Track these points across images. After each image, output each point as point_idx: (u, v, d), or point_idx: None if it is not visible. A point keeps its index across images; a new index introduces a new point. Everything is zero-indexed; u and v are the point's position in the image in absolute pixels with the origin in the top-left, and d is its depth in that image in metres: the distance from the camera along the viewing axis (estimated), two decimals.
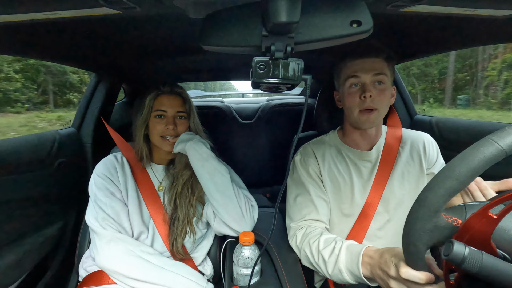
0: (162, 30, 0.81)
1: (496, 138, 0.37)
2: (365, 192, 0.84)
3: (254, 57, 0.47)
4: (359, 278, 0.63)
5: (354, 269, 0.64)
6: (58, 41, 0.84)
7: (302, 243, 0.79)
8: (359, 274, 0.63)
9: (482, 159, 0.36)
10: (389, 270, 0.54)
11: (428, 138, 0.91)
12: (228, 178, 0.87)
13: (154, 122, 0.89)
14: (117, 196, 0.85)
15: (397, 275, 0.51)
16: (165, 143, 0.89)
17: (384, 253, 0.58)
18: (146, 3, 0.51)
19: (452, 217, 0.41)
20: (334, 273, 0.68)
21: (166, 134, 0.89)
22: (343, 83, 0.83)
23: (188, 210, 0.90)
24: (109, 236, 0.79)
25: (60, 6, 0.50)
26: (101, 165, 0.89)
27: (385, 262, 0.56)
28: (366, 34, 0.47)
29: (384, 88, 0.80)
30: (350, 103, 0.81)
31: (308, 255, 0.76)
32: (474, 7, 0.54)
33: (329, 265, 0.69)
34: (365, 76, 0.79)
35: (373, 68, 0.79)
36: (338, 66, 0.86)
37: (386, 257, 0.56)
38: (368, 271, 0.61)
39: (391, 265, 0.54)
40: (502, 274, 0.35)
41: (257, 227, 0.90)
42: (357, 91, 0.80)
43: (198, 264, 0.93)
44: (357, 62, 0.80)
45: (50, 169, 1.08)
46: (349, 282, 0.67)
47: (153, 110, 0.89)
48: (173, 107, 0.89)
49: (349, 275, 0.66)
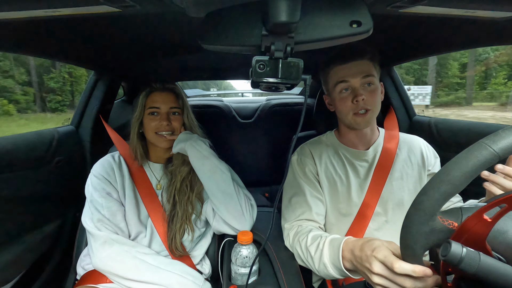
0: (162, 28, 0.80)
1: (489, 142, 0.37)
2: (362, 191, 0.85)
3: (253, 57, 0.48)
4: (343, 272, 0.62)
5: (336, 263, 0.63)
6: (57, 39, 0.83)
7: (294, 241, 0.79)
8: (341, 268, 0.62)
9: (476, 163, 0.37)
10: (371, 266, 0.52)
11: (423, 142, 0.92)
12: (229, 176, 0.88)
13: (148, 119, 0.89)
14: (114, 196, 0.85)
15: (380, 271, 0.50)
16: (161, 139, 0.89)
17: (364, 247, 0.56)
18: (146, 2, 0.51)
19: (448, 220, 0.42)
20: (320, 268, 0.68)
21: (160, 130, 0.89)
22: (333, 89, 0.83)
23: (187, 207, 0.90)
24: (104, 238, 0.79)
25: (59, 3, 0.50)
26: (98, 165, 0.89)
27: (366, 258, 0.54)
28: (366, 35, 0.47)
29: (374, 88, 0.81)
30: (343, 107, 0.82)
31: (299, 252, 0.76)
32: (474, 8, 0.54)
33: (315, 260, 0.69)
34: (354, 80, 0.79)
35: (360, 71, 0.79)
36: (325, 72, 0.86)
37: (367, 252, 0.55)
38: (350, 265, 0.61)
39: (373, 261, 0.52)
40: (499, 275, 0.35)
41: (256, 226, 0.91)
42: (348, 95, 0.80)
43: (196, 263, 0.93)
44: (343, 67, 0.80)
45: (48, 167, 1.08)
46: (336, 277, 0.66)
47: (147, 108, 0.89)
48: (166, 103, 0.90)
49: (334, 269, 0.65)
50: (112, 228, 0.81)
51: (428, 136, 1.16)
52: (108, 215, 0.81)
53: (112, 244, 0.79)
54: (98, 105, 1.29)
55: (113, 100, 1.44)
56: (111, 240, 0.79)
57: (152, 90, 0.90)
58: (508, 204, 0.36)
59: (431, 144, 0.94)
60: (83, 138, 1.28)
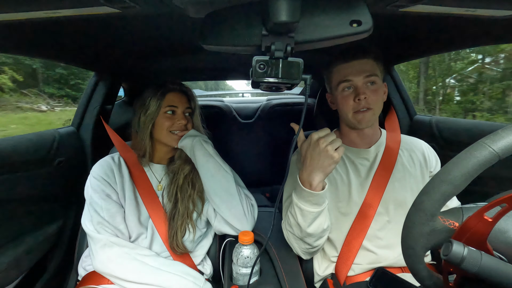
0: (162, 29, 0.81)
1: (489, 142, 0.37)
2: (363, 191, 0.84)
3: (254, 57, 0.48)
4: (311, 194, 0.69)
5: (299, 191, 0.71)
6: (58, 40, 0.83)
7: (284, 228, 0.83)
8: (305, 190, 0.69)
9: (476, 163, 0.37)
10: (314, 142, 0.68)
11: (425, 144, 0.92)
12: (231, 176, 0.88)
13: (164, 118, 0.89)
14: (113, 198, 0.85)
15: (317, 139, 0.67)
16: (174, 137, 0.90)
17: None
18: (146, 2, 0.51)
19: (449, 220, 0.42)
20: (298, 215, 0.73)
21: (175, 128, 0.90)
22: (336, 87, 0.83)
23: (188, 204, 0.90)
24: (104, 240, 0.79)
25: (60, 5, 0.50)
26: (98, 166, 0.89)
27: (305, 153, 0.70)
28: (366, 34, 0.47)
29: (377, 88, 0.80)
30: (345, 106, 0.82)
31: (288, 229, 0.79)
32: (474, 7, 0.54)
33: (293, 214, 0.74)
34: (357, 79, 0.79)
35: (363, 70, 0.79)
36: (328, 70, 0.87)
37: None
38: (304, 176, 0.70)
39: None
40: (501, 274, 0.35)
41: (257, 226, 0.91)
42: (350, 94, 0.80)
43: (197, 264, 0.93)
44: (346, 66, 0.80)
45: (49, 168, 1.08)
46: (313, 211, 0.71)
47: (164, 106, 0.89)
48: (182, 104, 0.91)
49: (304, 203, 0.71)
50: (111, 231, 0.81)
51: (429, 135, 1.16)
52: (107, 217, 0.81)
53: (112, 247, 0.79)
54: (98, 106, 1.29)
55: (113, 101, 1.44)
56: (110, 242, 0.79)
57: (168, 90, 0.90)
58: (508, 204, 0.36)
59: (431, 144, 0.93)
60: (84, 139, 1.28)
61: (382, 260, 0.82)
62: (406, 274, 0.80)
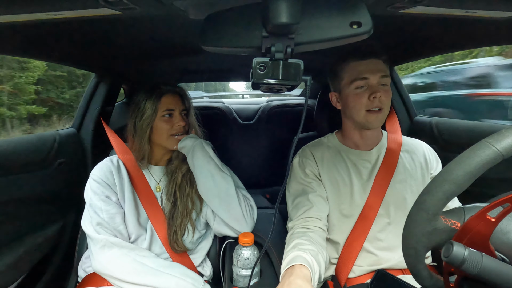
0: (162, 30, 0.81)
1: (493, 141, 0.37)
2: (365, 193, 0.84)
3: (254, 58, 0.48)
4: None
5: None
6: (58, 42, 0.84)
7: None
8: None
9: (479, 162, 0.36)
10: None
11: (426, 145, 0.92)
12: (231, 178, 0.88)
13: (162, 121, 0.88)
14: (113, 200, 0.85)
15: None
16: (175, 141, 0.90)
17: None
18: (146, 4, 0.51)
19: (451, 220, 0.41)
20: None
21: (175, 131, 0.90)
22: (348, 85, 0.82)
23: (187, 202, 0.91)
24: (103, 241, 0.79)
25: (60, 6, 0.50)
26: (97, 169, 0.89)
27: None
28: (366, 35, 0.47)
29: (388, 89, 0.81)
30: (357, 103, 0.81)
31: None
32: (474, 8, 0.54)
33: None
34: (373, 77, 0.79)
35: (379, 69, 0.79)
36: (339, 67, 0.85)
37: None
38: None
39: None
40: (502, 276, 0.35)
41: (257, 228, 0.90)
42: (364, 92, 0.80)
43: (197, 265, 0.93)
44: (362, 63, 0.80)
45: (50, 169, 1.08)
46: None
47: (160, 110, 0.88)
48: (178, 105, 0.91)
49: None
50: (111, 232, 0.81)
51: (429, 136, 1.16)
52: (107, 218, 0.81)
53: (111, 247, 0.79)
54: (99, 107, 1.29)
55: (114, 103, 1.44)
56: (110, 243, 0.79)
57: (163, 92, 0.89)
58: (511, 204, 0.36)
59: (432, 145, 0.93)
60: (84, 140, 1.28)
61: (383, 262, 0.81)
62: (406, 276, 0.79)
